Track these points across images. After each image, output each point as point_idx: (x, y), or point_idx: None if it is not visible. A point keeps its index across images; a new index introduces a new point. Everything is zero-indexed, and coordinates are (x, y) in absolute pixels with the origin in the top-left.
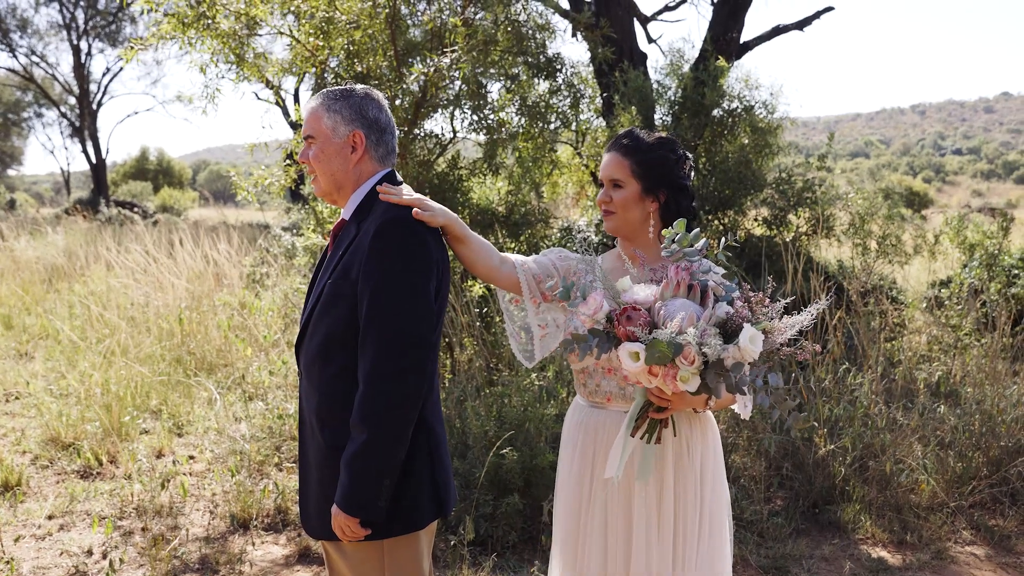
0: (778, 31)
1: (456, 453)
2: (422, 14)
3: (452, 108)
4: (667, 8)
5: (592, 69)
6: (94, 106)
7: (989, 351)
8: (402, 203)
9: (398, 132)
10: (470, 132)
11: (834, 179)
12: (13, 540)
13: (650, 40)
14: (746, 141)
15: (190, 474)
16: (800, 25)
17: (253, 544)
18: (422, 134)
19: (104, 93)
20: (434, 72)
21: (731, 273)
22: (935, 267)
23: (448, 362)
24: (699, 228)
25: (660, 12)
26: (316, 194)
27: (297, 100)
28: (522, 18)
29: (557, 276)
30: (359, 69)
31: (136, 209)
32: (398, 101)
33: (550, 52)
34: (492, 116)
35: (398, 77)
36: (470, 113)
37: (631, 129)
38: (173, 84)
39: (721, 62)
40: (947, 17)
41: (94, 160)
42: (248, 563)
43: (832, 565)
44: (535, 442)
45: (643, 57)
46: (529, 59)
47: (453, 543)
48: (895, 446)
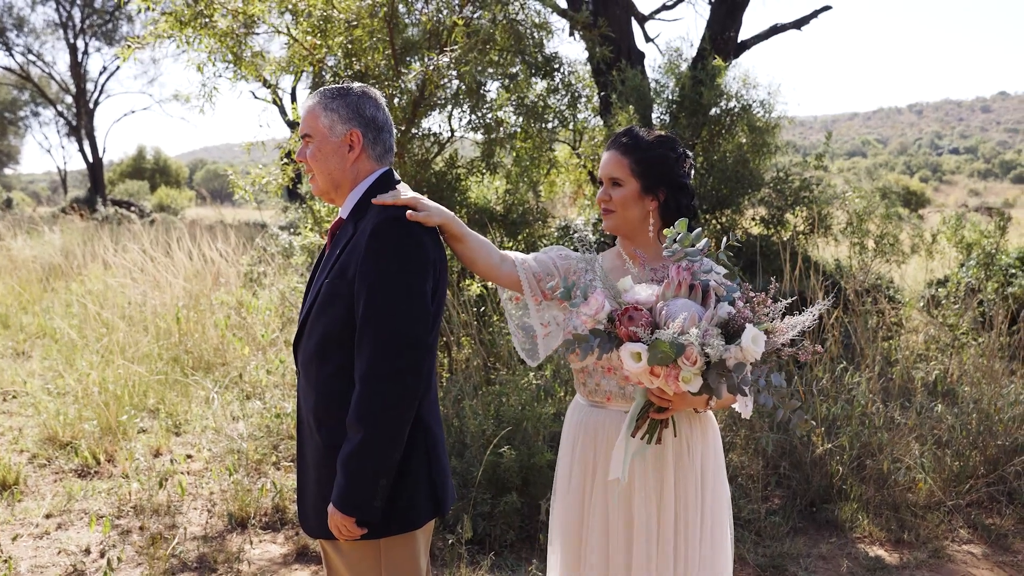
0: (776, 30)
1: (454, 452)
2: (420, 13)
3: (450, 107)
4: (665, 7)
5: (590, 68)
6: (91, 105)
7: (986, 350)
8: (398, 203)
9: (396, 131)
10: (468, 131)
11: (831, 178)
12: (11, 539)
13: (648, 39)
14: (744, 140)
15: (188, 473)
16: (798, 24)
17: (251, 543)
18: (420, 133)
19: (101, 92)
20: (433, 71)
21: (732, 273)
22: (932, 266)
23: (446, 361)
24: (700, 228)
25: (658, 11)
26: (314, 193)
27: (294, 99)
28: (520, 17)
29: (558, 275)
30: (357, 68)
31: (133, 208)
32: (396, 100)
33: (548, 51)
34: (490, 115)
35: (396, 76)
36: (468, 112)
37: (631, 127)
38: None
39: (719, 61)
40: (944, 16)
41: (91, 159)
42: (246, 562)
43: (830, 564)
44: (533, 441)
45: (641, 56)
46: (527, 58)
47: (451, 542)
48: (892, 445)
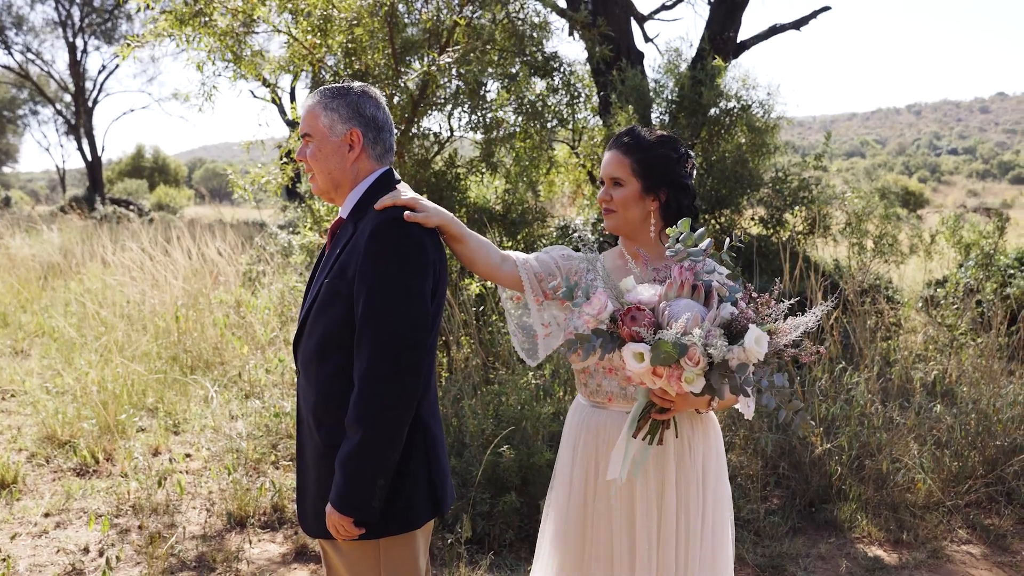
0: (775, 30)
1: (453, 451)
2: (420, 12)
3: (450, 107)
4: (664, 7)
5: (589, 68)
6: (90, 104)
7: (985, 351)
8: (397, 204)
9: (395, 130)
10: (467, 131)
11: (830, 179)
12: (9, 538)
13: (647, 39)
14: (743, 140)
15: (187, 472)
16: (797, 25)
17: (250, 542)
18: (419, 132)
19: (100, 91)
20: (435, 71)
21: (735, 274)
22: (931, 267)
23: (445, 361)
24: (702, 228)
25: (657, 11)
26: (314, 192)
27: (294, 98)
28: (520, 17)
29: (560, 275)
30: (357, 67)
31: (132, 207)
32: (396, 99)
33: (547, 51)
34: (490, 115)
35: (396, 75)
36: (468, 112)
37: (632, 127)
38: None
39: (718, 61)
40: (943, 17)
41: (90, 158)
42: (245, 561)
43: (828, 564)
44: (532, 440)
45: (640, 56)
46: (526, 58)
47: (450, 541)
48: (891, 445)
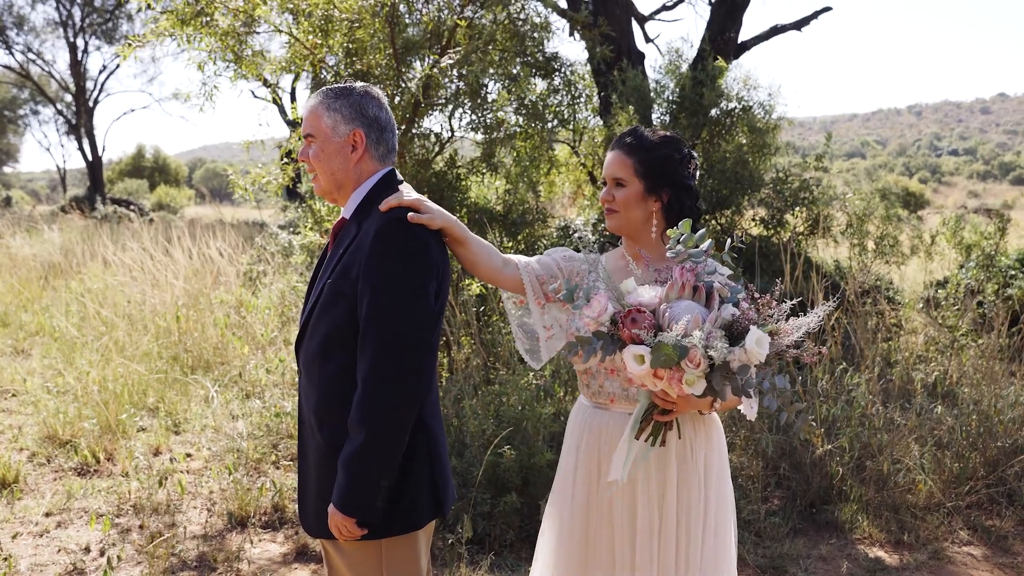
0: (776, 31)
1: (454, 452)
2: (421, 13)
3: (451, 107)
4: (665, 8)
5: (590, 68)
6: (90, 103)
7: (986, 352)
8: (403, 204)
9: (397, 131)
10: (468, 131)
11: (831, 179)
12: (11, 537)
13: (648, 40)
14: (744, 141)
15: (187, 472)
16: (798, 25)
17: (251, 542)
18: (420, 132)
19: (100, 90)
20: (437, 73)
21: (737, 275)
22: (932, 268)
23: (445, 361)
24: (704, 229)
25: (658, 11)
26: (316, 193)
27: (294, 98)
28: (521, 17)
29: (561, 277)
30: (358, 67)
31: (132, 207)
32: (397, 99)
33: (548, 51)
34: (490, 115)
35: (397, 75)
36: (469, 112)
37: (635, 127)
38: (170, 82)
39: (719, 62)
40: (944, 18)
41: (90, 157)
42: (246, 561)
43: (829, 565)
44: (533, 441)
45: (641, 56)
46: (527, 58)
47: (451, 541)
48: (892, 446)
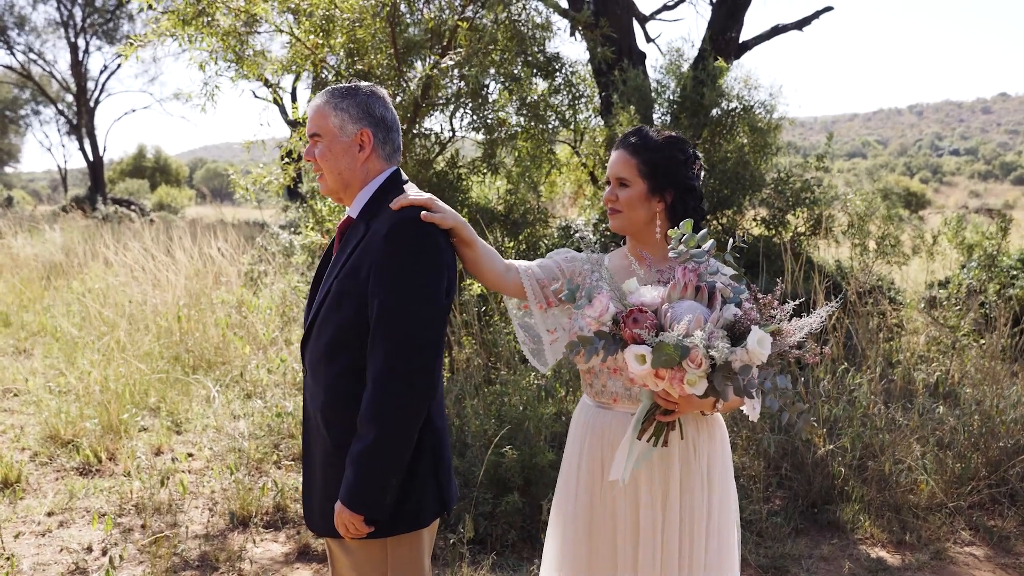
0: (777, 31)
1: (455, 451)
2: (422, 13)
3: (452, 107)
4: (666, 7)
5: (591, 68)
6: (91, 104)
7: (988, 352)
8: (415, 203)
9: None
10: (469, 131)
11: (832, 179)
12: (13, 537)
13: (649, 39)
14: (745, 141)
15: (189, 472)
16: (799, 25)
17: (253, 541)
18: (421, 132)
19: (101, 91)
20: (437, 74)
21: (739, 275)
22: (933, 268)
23: (447, 361)
24: (706, 229)
25: (659, 11)
26: (322, 192)
27: (295, 98)
28: (522, 17)
29: (563, 278)
30: (359, 67)
31: (133, 207)
32: (398, 99)
33: (549, 51)
34: (492, 115)
35: (398, 75)
36: (470, 112)
37: (640, 127)
38: (171, 82)
39: (720, 62)
40: (945, 17)
41: (91, 158)
42: (248, 560)
43: (831, 565)
44: (534, 441)
45: (642, 56)
46: (528, 58)
47: (452, 541)
48: (894, 446)
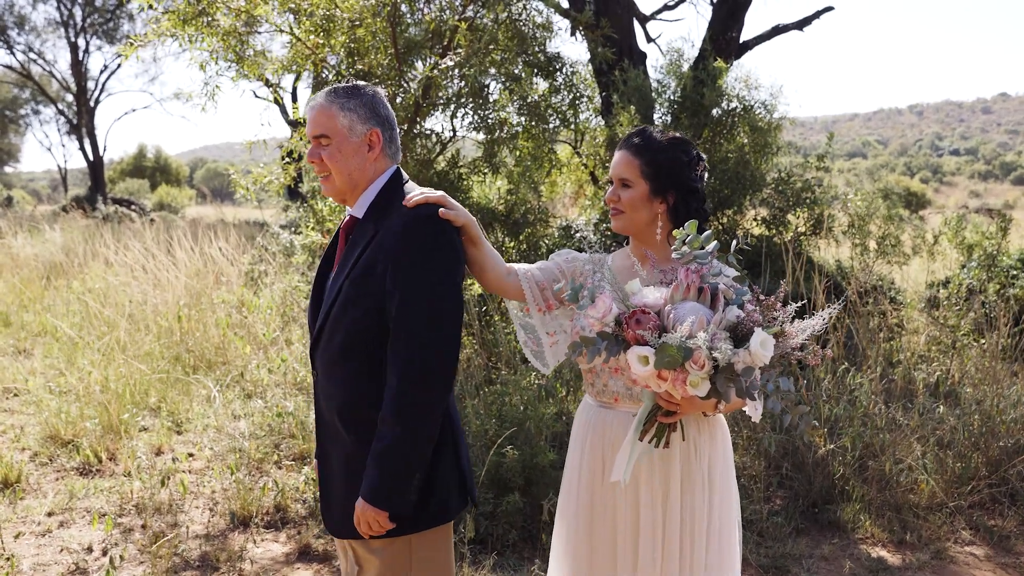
0: (778, 31)
1: None
2: (422, 13)
3: (453, 107)
4: (666, 7)
5: (591, 68)
6: (91, 103)
7: (988, 352)
8: (430, 201)
9: (398, 130)
10: (470, 131)
11: (832, 179)
12: (13, 537)
13: (649, 39)
14: (745, 141)
15: (189, 472)
16: (800, 25)
17: (253, 541)
18: (422, 132)
19: (102, 90)
20: (437, 74)
21: (742, 277)
22: (934, 268)
23: None
24: (709, 230)
25: (659, 11)
26: (326, 194)
27: (295, 98)
28: (522, 17)
29: (564, 279)
30: (359, 67)
31: (133, 207)
32: (399, 99)
33: (550, 51)
34: (492, 115)
35: (399, 75)
36: (471, 112)
37: (644, 127)
38: (171, 82)
39: (720, 62)
40: (945, 17)
41: (91, 157)
42: (248, 560)
43: (832, 564)
44: (535, 441)
45: (642, 56)
46: (529, 58)
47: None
48: (894, 446)
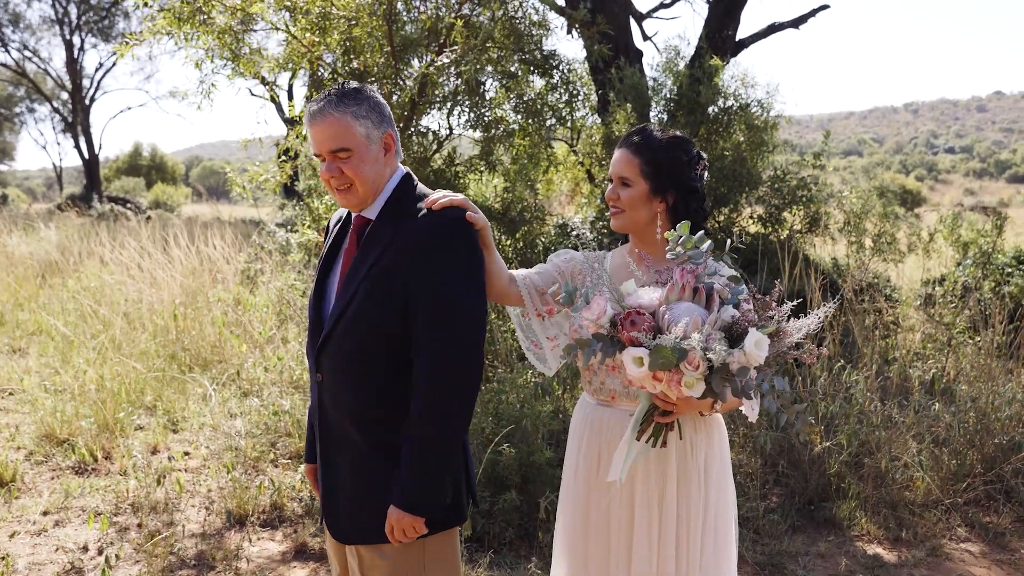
0: (773, 29)
1: None
2: (419, 11)
3: (450, 105)
4: (662, 5)
5: (588, 66)
6: (87, 101)
7: (983, 349)
8: (454, 204)
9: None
10: (466, 129)
11: (828, 177)
12: (8, 536)
13: (645, 37)
14: (741, 139)
15: (185, 470)
16: (796, 23)
17: (249, 540)
18: (418, 130)
19: (97, 88)
20: (433, 71)
21: (737, 276)
22: (929, 265)
23: None
24: (704, 230)
25: (655, 9)
26: (345, 205)
27: (291, 96)
28: (518, 15)
29: (561, 280)
30: (355, 65)
31: (129, 205)
32: (395, 97)
33: (546, 49)
34: (488, 113)
35: (395, 73)
36: (467, 110)
37: (645, 126)
38: (166, 80)
39: (716, 60)
40: (940, 16)
41: (87, 156)
42: (244, 559)
43: (828, 562)
44: (532, 439)
45: (639, 54)
46: (525, 56)
47: None
48: (890, 443)
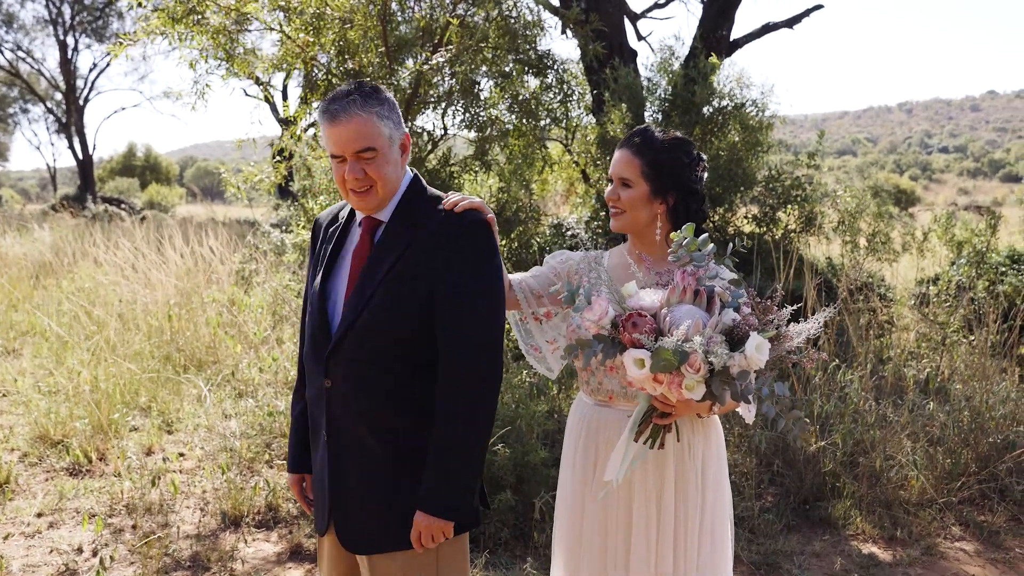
0: (768, 29)
1: None
2: (413, 11)
3: (444, 105)
4: (657, 5)
5: (582, 66)
6: (80, 102)
7: (977, 348)
8: (474, 206)
9: None
10: (461, 129)
11: (822, 177)
12: (2, 538)
13: (640, 37)
14: (736, 139)
15: (180, 471)
16: (790, 23)
17: (244, 541)
18: (413, 131)
19: (91, 89)
20: (428, 71)
21: (738, 280)
22: (923, 264)
23: None
24: (706, 232)
25: (650, 9)
26: (363, 209)
27: (286, 96)
28: (513, 15)
29: (560, 281)
30: (349, 65)
31: (123, 205)
32: None
33: (540, 49)
34: (483, 113)
35: (389, 74)
36: (462, 110)
37: (646, 127)
38: (160, 80)
39: (711, 60)
40: (934, 16)
41: (81, 156)
42: (239, 560)
43: (823, 561)
44: (527, 439)
45: (633, 54)
46: (520, 56)
47: None
48: (885, 442)
